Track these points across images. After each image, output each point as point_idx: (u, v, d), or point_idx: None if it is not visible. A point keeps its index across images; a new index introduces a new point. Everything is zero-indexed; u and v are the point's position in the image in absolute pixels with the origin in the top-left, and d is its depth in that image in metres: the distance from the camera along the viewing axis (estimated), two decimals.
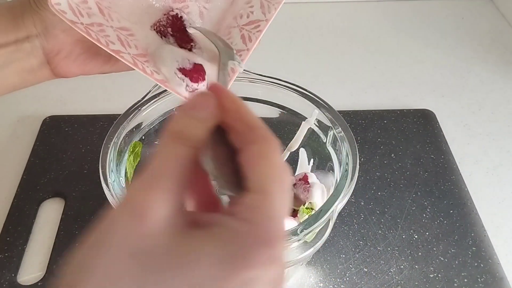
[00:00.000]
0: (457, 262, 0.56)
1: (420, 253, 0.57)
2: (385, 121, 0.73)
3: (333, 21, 0.96)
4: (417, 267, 0.55)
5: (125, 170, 0.50)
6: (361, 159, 0.66)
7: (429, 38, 0.92)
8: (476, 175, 0.67)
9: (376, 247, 0.57)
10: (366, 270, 0.55)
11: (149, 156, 0.26)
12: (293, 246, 0.41)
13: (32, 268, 0.55)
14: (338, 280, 0.54)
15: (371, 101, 0.78)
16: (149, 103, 0.53)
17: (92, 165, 0.65)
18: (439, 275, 0.55)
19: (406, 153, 0.68)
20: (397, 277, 0.54)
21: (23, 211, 0.60)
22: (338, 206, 0.43)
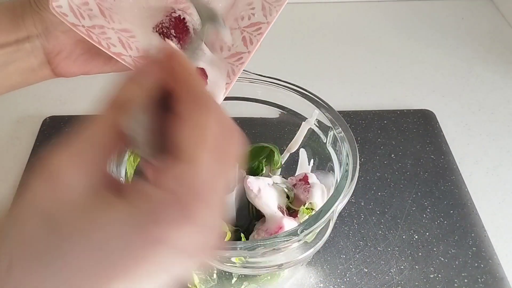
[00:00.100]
0: (457, 262, 0.56)
1: (420, 254, 0.57)
2: (385, 121, 0.73)
3: (333, 22, 0.96)
4: (417, 267, 0.55)
5: (125, 170, 0.50)
6: (361, 159, 0.66)
7: (429, 38, 0.92)
8: (476, 175, 0.67)
9: (376, 248, 0.57)
10: (366, 270, 0.55)
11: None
12: (293, 246, 0.41)
13: None
14: (338, 280, 0.54)
15: (371, 101, 0.78)
16: None
17: None
18: (439, 276, 0.55)
19: (406, 154, 0.68)
20: (398, 278, 0.54)
21: None
22: (338, 206, 0.43)
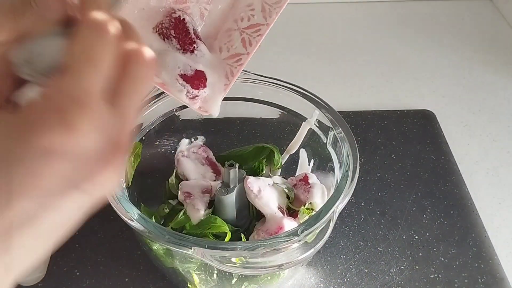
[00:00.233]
0: (457, 262, 0.56)
1: (420, 254, 0.57)
2: (386, 122, 0.73)
3: (333, 22, 0.96)
4: (417, 267, 0.55)
5: (126, 170, 0.50)
6: (361, 159, 0.66)
7: (429, 38, 0.92)
8: (476, 175, 0.67)
9: (376, 248, 0.57)
10: (366, 270, 0.55)
11: None
12: (293, 246, 0.41)
13: (32, 269, 0.55)
14: (338, 280, 0.54)
15: (372, 102, 0.78)
16: (149, 104, 0.53)
17: None
18: (440, 276, 0.55)
19: (406, 154, 0.68)
20: (398, 278, 0.54)
21: None
22: (338, 206, 0.43)
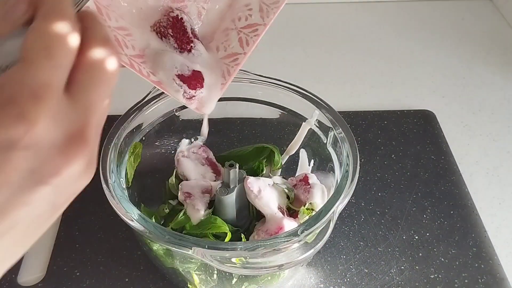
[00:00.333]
0: (457, 263, 0.56)
1: (420, 254, 0.57)
2: (386, 122, 0.73)
3: (333, 22, 0.96)
4: (417, 268, 0.55)
5: (126, 171, 0.50)
6: (361, 160, 0.66)
7: (429, 38, 0.92)
8: (476, 175, 0.67)
9: (376, 248, 0.57)
10: (366, 271, 0.55)
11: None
12: (293, 247, 0.41)
13: (32, 269, 0.55)
14: (338, 281, 0.54)
15: (372, 102, 0.78)
16: (149, 104, 0.53)
17: None
18: (440, 276, 0.55)
19: (406, 154, 0.68)
20: (398, 278, 0.54)
21: None
22: (338, 207, 0.43)
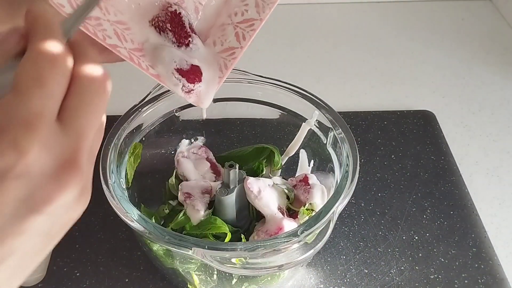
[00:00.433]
0: (457, 263, 0.56)
1: (420, 254, 0.57)
2: (385, 122, 0.73)
3: (333, 22, 0.96)
4: (417, 268, 0.55)
5: (126, 171, 0.50)
6: (361, 160, 0.66)
7: (429, 39, 0.92)
8: (476, 176, 0.67)
9: (376, 248, 0.57)
10: (366, 271, 0.55)
11: None
12: (293, 247, 0.41)
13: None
14: (338, 281, 0.54)
15: (371, 102, 0.78)
16: (149, 105, 0.53)
17: None
18: (440, 276, 0.55)
19: (406, 154, 0.68)
20: (398, 278, 0.54)
21: None
22: (338, 207, 0.43)
